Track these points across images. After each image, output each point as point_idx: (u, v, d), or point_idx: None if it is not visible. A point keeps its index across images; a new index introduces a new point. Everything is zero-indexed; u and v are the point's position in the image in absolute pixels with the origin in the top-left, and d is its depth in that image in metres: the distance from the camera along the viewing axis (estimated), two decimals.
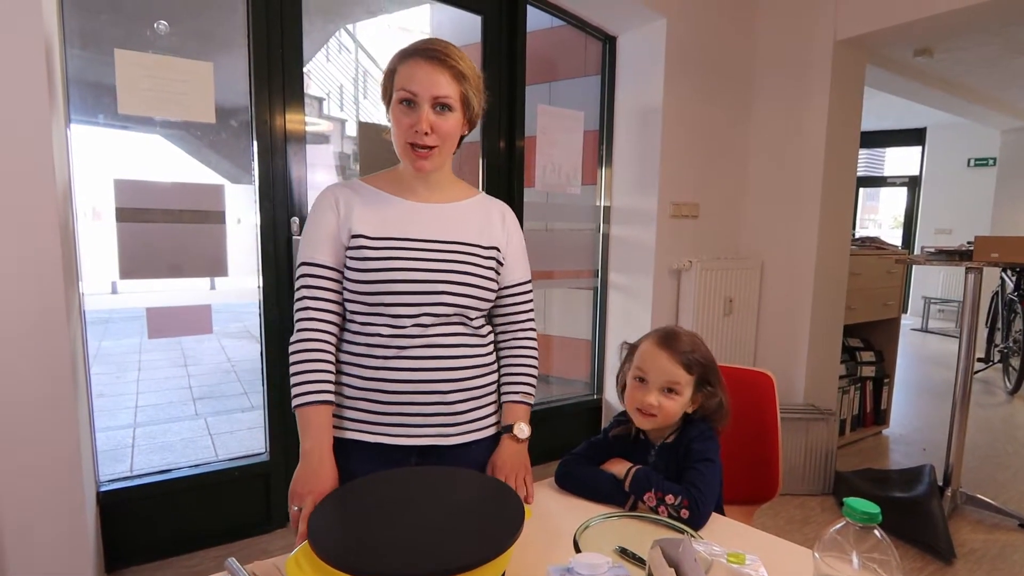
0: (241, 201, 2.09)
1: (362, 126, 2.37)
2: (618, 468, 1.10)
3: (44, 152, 1.50)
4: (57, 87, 1.61)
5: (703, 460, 1.06)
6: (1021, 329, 4.56)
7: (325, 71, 5.59)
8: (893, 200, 8.81)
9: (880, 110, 6.33)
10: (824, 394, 3.02)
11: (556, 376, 3.31)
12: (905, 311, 7.50)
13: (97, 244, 1.97)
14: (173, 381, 4.64)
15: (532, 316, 1.22)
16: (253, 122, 2.05)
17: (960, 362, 2.45)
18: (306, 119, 2.15)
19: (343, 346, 1.10)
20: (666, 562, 0.68)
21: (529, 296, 1.21)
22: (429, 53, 1.02)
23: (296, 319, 1.08)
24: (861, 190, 8.29)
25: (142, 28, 1.95)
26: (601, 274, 3.07)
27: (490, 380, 1.15)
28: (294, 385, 1.05)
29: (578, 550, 0.86)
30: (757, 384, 1.46)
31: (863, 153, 7.90)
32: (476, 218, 1.14)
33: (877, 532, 0.67)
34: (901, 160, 7.93)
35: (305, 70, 2.13)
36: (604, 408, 3.11)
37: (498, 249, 1.14)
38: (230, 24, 2.03)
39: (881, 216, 9.60)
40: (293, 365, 1.06)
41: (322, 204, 1.10)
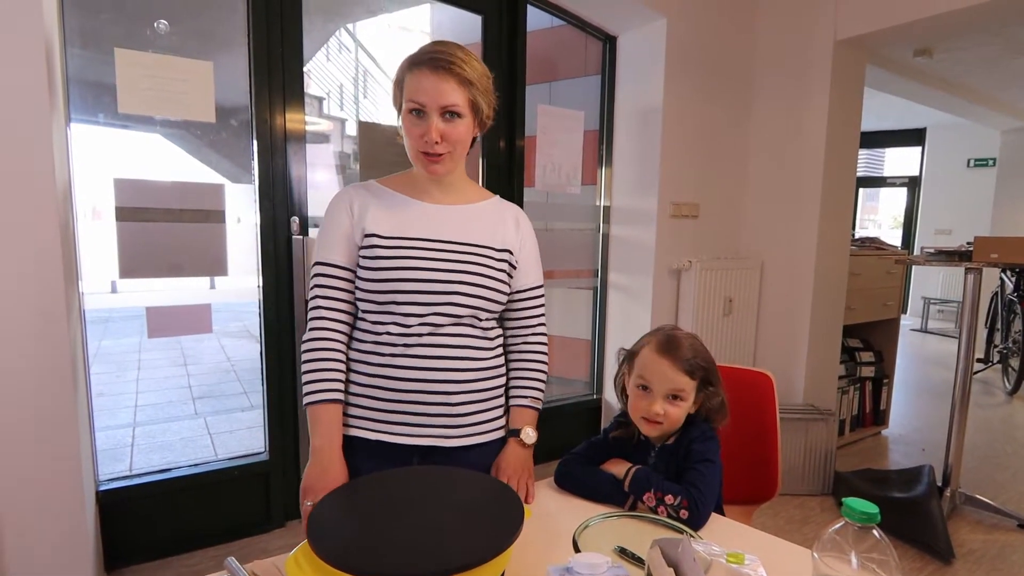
0: (241, 200, 2.09)
1: (362, 125, 2.37)
2: (618, 468, 1.10)
3: (44, 151, 1.50)
4: (57, 86, 1.61)
5: (703, 460, 1.07)
6: (1020, 330, 4.56)
7: (325, 70, 5.59)
8: (893, 200, 8.81)
9: (880, 110, 6.33)
10: (823, 394, 3.02)
11: (556, 376, 3.31)
12: (905, 311, 7.51)
13: (97, 243, 1.97)
14: (173, 380, 4.64)
15: (544, 321, 1.22)
16: (253, 121, 2.05)
17: (959, 362, 2.45)
18: (306, 118, 2.15)
19: (354, 344, 1.11)
20: (665, 562, 0.68)
21: (541, 301, 1.21)
22: (435, 62, 1.02)
23: (309, 317, 1.10)
24: (861, 190, 8.30)
25: (142, 27, 1.95)
26: (601, 274, 3.07)
27: (496, 384, 1.15)
28: (305, 383, 1.07)
29: (577, 550, 0.86)
30: (757, 384, 1.46)
31: (863, 153, 7.90)
32: (490, 220, 1.15)
33: (876, 532, 0.67)
34: (901, 160, 7.93)
35: (305, 69, 2.13)
36: (604, 408, 3.11)
37: (511, 252, 1.14)
38: (230, 23, 2.03)
39: (881, 216, 9.60)
40: (305, 363, 1.08)
41: (337, 205, 1.12)
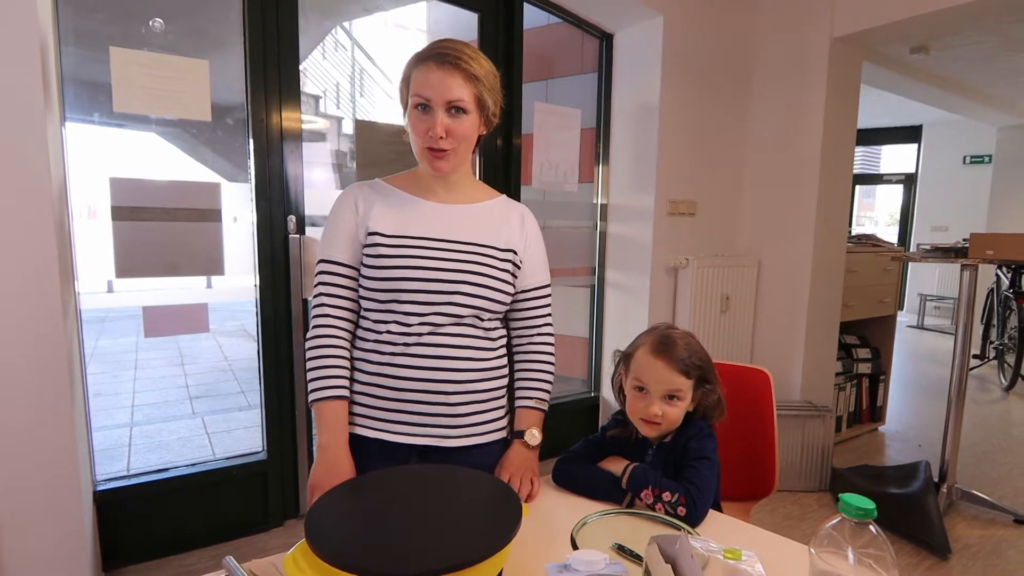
0: (237, 199, 2.08)
1: (359, 124, 2.37)
2: (615, 466, 1.10)
3: (39, 151, 1.50)
4: (52, 85, 1.60)
5: (700, 458, 1.07)
6: (1016, 326, 4.58)
7: (321, 69, 5.58)
8: (889, 197, 8.82)
9: (876, 107, 6.35)
10: (820, 391, 3.03)
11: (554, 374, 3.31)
12: (901, 308, 7.52)
13: (93, 243, 1.96)
14: (170, 380, 4.63)
15: (550, 320, 1.21)
16: (249, 120, 2.04)
17: (955, 359, 2.45)
18: (302, 117, 2.14)
19: (357, 342, 1.11)
20: (663, 559, 0.68)
21: (547, 300, 1.21)
22: (441, 57, 1.01)
23: (312, 315, 1.11)
24: (857, 187, 8.30)
25: (137, 26, 1.94)
26: (598, 272, 3.07)
27: (497, 385, 1.14)
28: (310, 381, 1.08)
29: (575, 547, 0.86)
30: (754, 381, 1.46)
31: (859, 150, 7.90)
32: (494, 220, 1.14)
33: (873, 528, 0.67)
34: (897, 157, 7.94)
35: (301, 68, 2.12)
36: (601, 406, 3.11)
37: (515, 252, 1.14)
38: (226, 22, 2.02)
39: (877, 213, 9.62)
40: (309, 361, 1.08)
41: (342, 203, 1.12)
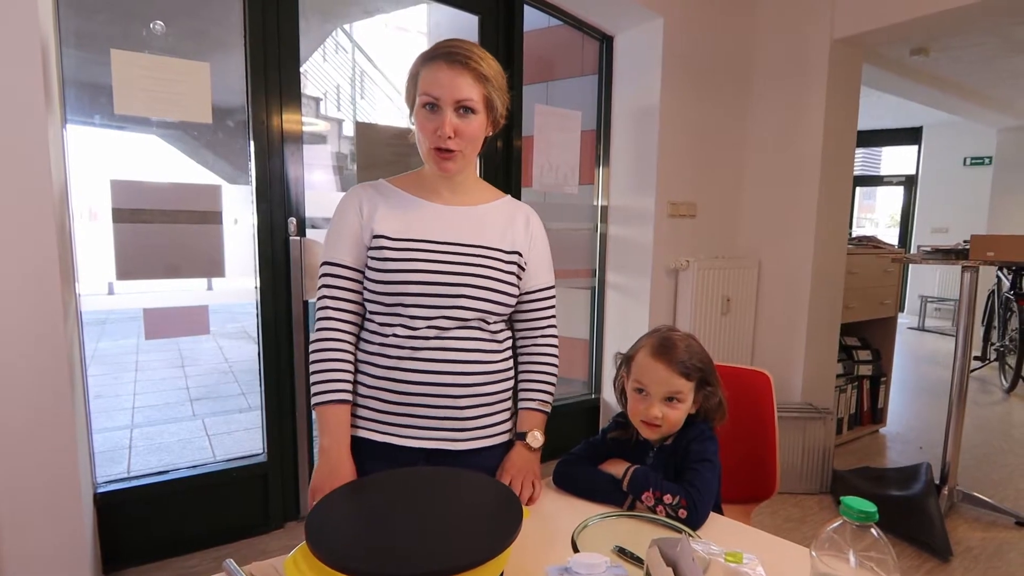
0: (238, 201, 2.08)
1: (359, 126, 2.37)
2: (616, 468, 1.10)
3: (40, 153, 1.50)
4: (53, 87, 1.60)
5: (701, 460, 1.06)
6: (1017, 327, 4.57)
7: (322, 71, 5.58)
8: (890, 199, 8.82)
9: (876, 109, 6.35)
10: (821, 393, 3.03)
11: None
12: (902, 310, 7.52)
13: (94, 245, 1.96)
14: (170, 382, 4.63)
15: (554, 323, 1.21)
16: (250, 122, 2.04)
17: (956, 360, 2.45)
18: (303, 119, 2.15)
19: (362, 345, 1.10)
20: (664, 561, 0.68)
21: (551, 302, 1.20)
22: (451, 56, 1.01)
23: (316, 318, 1.10)
24: (858, 189, 8.30)
25: (138, 28, 1.94)
26: (599, 274, 3.07)
27: (504, 387, 1.14)
28: (313, 384, 1.07)
29: (576, 550, 0.86)
30: (754, 383, 1.46)
31: (860, 152, 7.91)
32: (499, 221, 1.14)
33: (874, 531, 0.67)
34: (898, 159, 7.95)
35: (302, 70, 2.13)
36: (602, 408, 3.11)
37: (520, 254, 1.13)
38: (227, 24, 2.02)
39: (878, 215, 9.62)
40: (312, 364, 1.08)
41: (346, 205, 1.11)
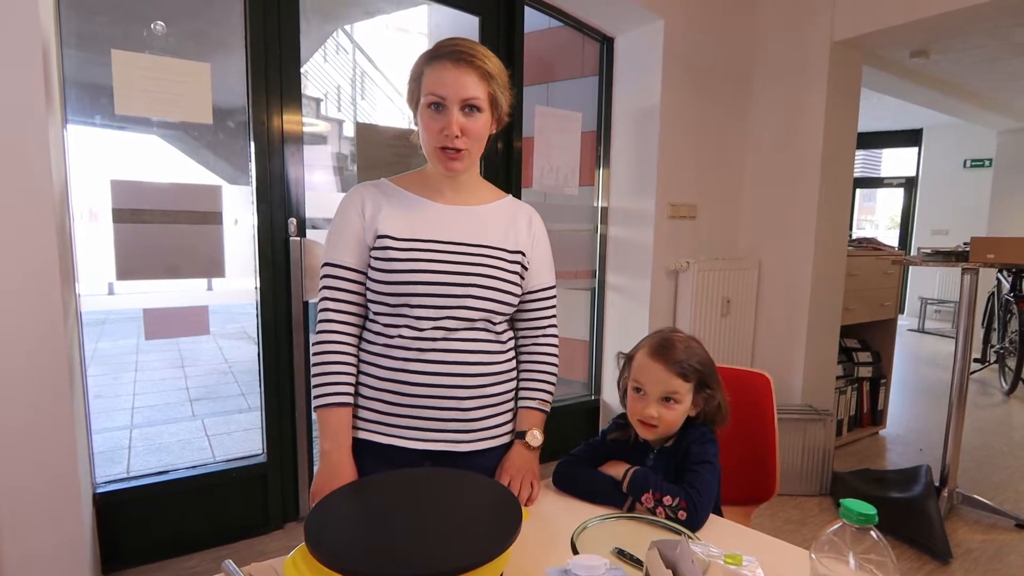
0: (238, 202, 2.08)
1: (360, 126, 2.37)
2: (616, 470, 1.10)
3: (41, 153, 1.50)
4: (54, 88, 1.61)
5: (701, 462, 1.06)
6: (1017, 329, 4.57)
7: (322, 72, 5.59)
8: (890, 201, 8.83)
9: (877, 111, 6.35)
10: (821, 394, 3.03)
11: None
12: (902, 312, 7.52)
13: (94, 245, 1.96)
14: (170, 382, 4.63)
15: (555, 322, 1.21)
16: (250, 123, 2.04)
17: (956, 362, 2.45)
18: (303, 120, 2.15)
19: (365, 346, 1.09)
20: (663, 563, 0.68)
21: (552, 302, 1.20)
22: (456, 55, 1.01)
23: (318, 319, 1.09)
24: (858, 191, 8.31)
25: (139, 29, 1.95)
26: (599, 275, 3.07)
27: (508, 388, 1.15)
28: (314, 387, 1.07)
29: (576, 551, 0.86)
30: (754, 385, 1.46)
31: (860, 154, 7.91)
32: (502, 222, 1.14)
33: (874, 533, 0.67)
34: (898, 161, 7.95)
35: (302, 71, 2.13)
36: (602, 409, 3.11)
37: (523, 254, 1.14)
38: (227, 25, 2.02)
39: (878, 217, 9.62)
40: (314, 366, 1.07)
41: (348, 205, 1.10)
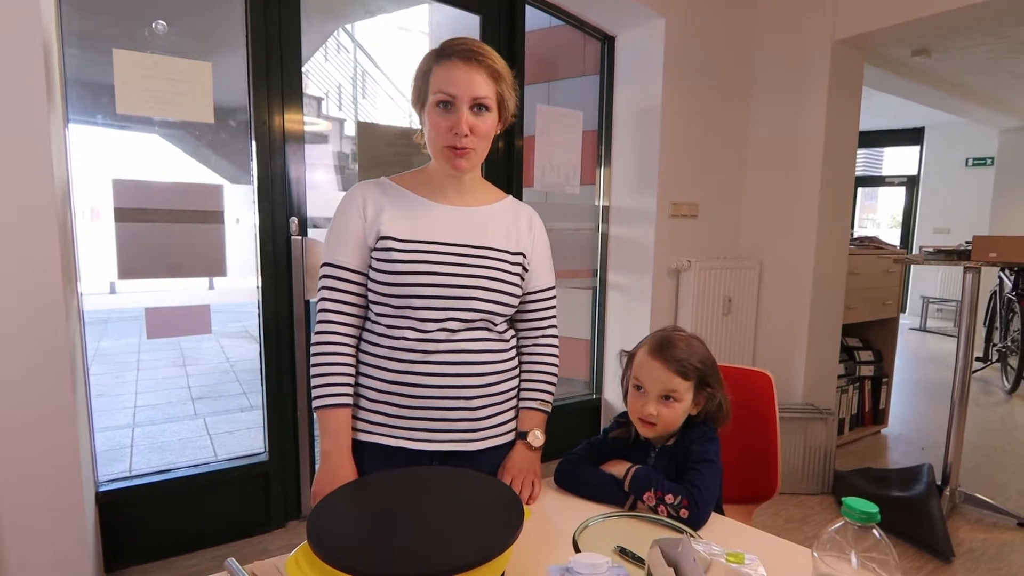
0: (240, 201, 2.08)
1: (361, 125, 2.37)
2: (618, 468, 1.10)
3: (43, 152, 1.50)
4: (55, 87, 1.61)
5: (703, 461, 1.06)
6: (1019, 328, 4.57)
7: (324, 71, 5.60)
8: (891, 200, 8.81)
9: (878, 110, 6.34)
10: (823, 393, 3.03)
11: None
12: (904, 310, 7.52)
13: (96, 244, 1.96)
14: (172, 381, 4.63)
15: (555, 323, 1.21)
16: (252, 122, 2.05)
17: (958, 361, 2.45)
18: (305, 119, 2.15)
19: (367, 347, 1.09)
20: (665, 562, 0.68)
21: (552, 302, 1.21)
22: (466, 54, 1.01)
23: (316, 319, 1.09)
24: (859, 190, 8.30)
25: (140, 28, 1.95)
26: (600, 274, 3.07)
27: (512, 385, 1.15)
28: (314, 387, 1.07)
29: (577, 550, 0.86)
30: (756, 384, 1.46)
31: (861, 153, 7.90)
32: (504, 223, 1.14)
33: (876, 531, 0.67)
34: (899, 160, 7.94)
35: (304, 70, 2.13)
36: (603, 408, 3.11)
37: (524, 255, 1.14)
38: (229, 24, 2.02)
39: (879, 216, 9.61)
40: (313, 367, 1.07)
41: (348, 205, 1.09)
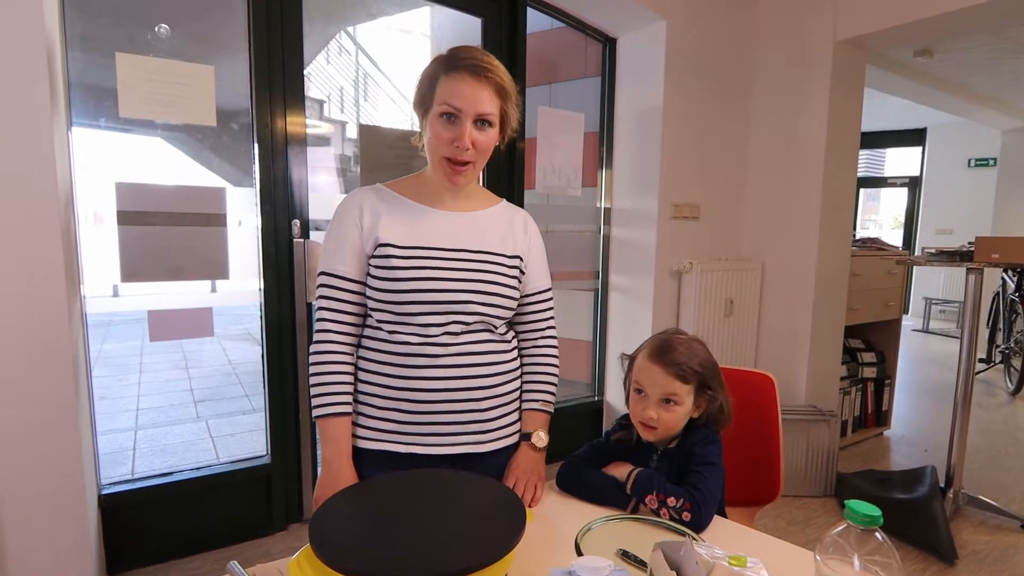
0: (242, 204, 2.09)
1: (363, 128, 2.37)
2: (620, 471, 1.10)
3: (46, 155, 1.50)
4: (59, 90, 1.61)
5: (705, 463, 1.06)
6: (1022, 329, 4.56)
7: (325, 73, 5.61)
8: (893, 201, 8.82)
9: (880, 110, 6.34)
10: (825, 395, 3.02)
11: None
12: (906, 312, 7.49)
13: (99, 247, 1.97)
14: (174, 384, 4.64)
15: (553, 324, 1.22)
16: (254, 125, 2.05)
17: (961, 363, 2.44)
18: (307, 122, 2.15)
19: (368, 354, 1.09)
20: (667, 565, 0.68)
21: (550, 304, 1.21)
22: (476, 68, 1.02)
23: (315, 328, 1.09)
24: (861, 191, 8.29)
25: (143, 31, 1.95)
26: (602, 276, 3.07)
27: (516, 386, 1.16)
28: (313, 396, 1.07)
29: (580, 553, 0.86)
30: (758, 385, 1.45)
31: (863, 154, 7.90)
32: (500, 227, 1.15)
33: (879, 534, 0.67)
34: (901, 160, 7.94)
35: (306, 73, 2.14)
36: (605, 410, 3.11)
37: (521, 258, 1.15)
38: (231, 27, 2.03)
39: (882, 217, 9.60)
40: (312, 376, 1.07)
41: (345, 213, 1.09)
